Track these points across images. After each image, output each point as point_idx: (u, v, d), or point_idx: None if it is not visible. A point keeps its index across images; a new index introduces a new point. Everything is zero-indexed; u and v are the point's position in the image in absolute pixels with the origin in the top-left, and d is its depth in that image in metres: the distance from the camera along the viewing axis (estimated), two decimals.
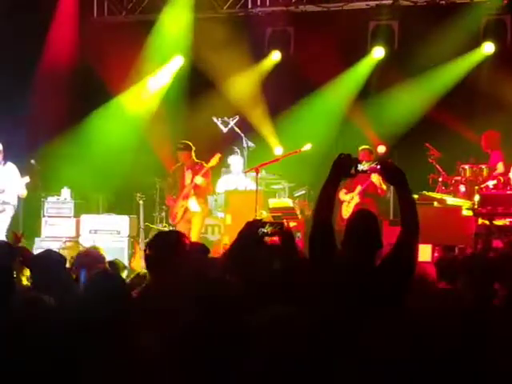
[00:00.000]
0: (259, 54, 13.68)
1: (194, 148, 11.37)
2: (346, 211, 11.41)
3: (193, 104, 13.59)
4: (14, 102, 12.95)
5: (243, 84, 13.64)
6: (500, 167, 11.03)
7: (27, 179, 11.47)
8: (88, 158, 13.24)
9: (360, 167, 4.37)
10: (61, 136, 13.33)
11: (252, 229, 4.79)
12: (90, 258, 6.00)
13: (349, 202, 11.56)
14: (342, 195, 11.55)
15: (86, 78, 13.08)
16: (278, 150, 13.16)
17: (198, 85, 13.60)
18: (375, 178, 11.22)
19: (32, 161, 12.07)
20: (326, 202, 4.42)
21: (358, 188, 11.42)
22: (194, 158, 11.39)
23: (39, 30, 13.32)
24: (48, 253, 5.76)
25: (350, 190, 11.53)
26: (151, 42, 13.65)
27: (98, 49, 12.98)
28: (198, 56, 13.36)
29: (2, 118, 12.34)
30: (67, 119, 13.43)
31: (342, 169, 4.40)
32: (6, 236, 10.90)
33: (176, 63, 13.92)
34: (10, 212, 11.52)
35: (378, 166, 4.38)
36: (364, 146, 11.51)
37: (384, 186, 11.34)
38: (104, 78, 13.08)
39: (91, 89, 13.21)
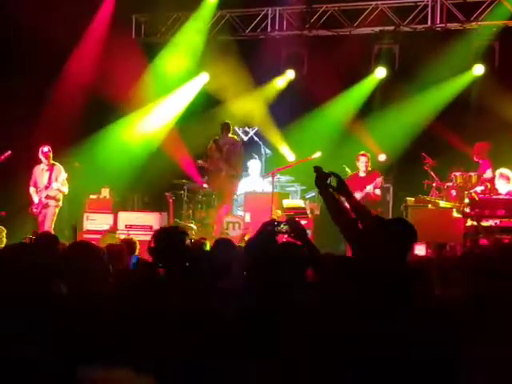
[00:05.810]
0: (275, 73, 13.77)
1: None
2: None
3: (216, 115, 13.53)
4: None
5: (260, 98, 13.74)
6: (489, 173, 10.97)
7: (66, 175, 11.39)
8: (124, 162, 13.19)
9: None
10: (100, 140, 13.42)
11: (268, 228, 4.55)
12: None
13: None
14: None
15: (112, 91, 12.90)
16: (291, 157, 13.32)
17: (219, 98, 13.66)
18: (368, 188, 10.96)
19: (76, 163, 12.05)
20: (334, 207, 4.35)
21: (358, 195, 11.12)
22: None
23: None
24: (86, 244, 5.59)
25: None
26: (179, 59, 13.65)
27: (133, 64, 12.94)
28: (221, 72, 13.30)
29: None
30: (98, 129, 13.43)
31: (323, 180, 4.34)
32: (54, 229, 10.88)
33: (202, 79, 13.95)
34: (53, 207, 11.50)
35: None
36: (362, 152, 11.33)
37: (377, 192, 11.07)
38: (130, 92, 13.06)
39: (120, 101, 13.13)
